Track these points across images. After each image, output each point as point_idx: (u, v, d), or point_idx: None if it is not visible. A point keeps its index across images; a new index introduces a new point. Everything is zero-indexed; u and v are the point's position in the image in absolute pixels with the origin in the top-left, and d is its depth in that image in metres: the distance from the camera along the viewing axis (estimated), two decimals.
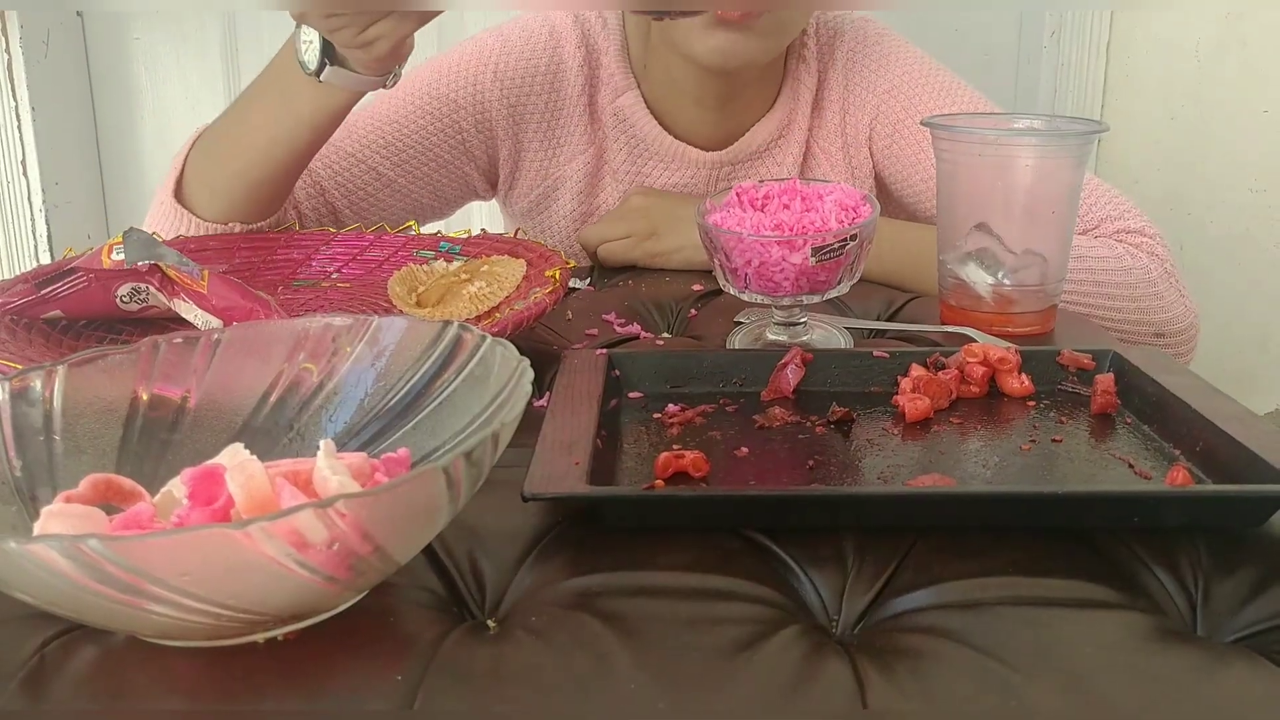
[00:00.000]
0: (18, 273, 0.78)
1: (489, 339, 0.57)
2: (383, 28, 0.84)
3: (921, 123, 0.88)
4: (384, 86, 0.92)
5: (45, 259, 1.86)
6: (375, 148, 1.11)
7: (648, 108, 1.13)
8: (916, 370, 0.71)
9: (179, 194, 1.01)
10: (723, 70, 1.04)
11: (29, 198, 1.84)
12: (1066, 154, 0.85)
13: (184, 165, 1.01)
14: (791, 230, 0.77)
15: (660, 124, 1.14)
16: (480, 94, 1.12)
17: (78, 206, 1.93)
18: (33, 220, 1.85)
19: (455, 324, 0.58)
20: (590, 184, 1.17)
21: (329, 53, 0.89)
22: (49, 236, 1.86)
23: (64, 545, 0.40)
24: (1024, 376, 0.73)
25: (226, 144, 0.99)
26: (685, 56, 1.05)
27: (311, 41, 0.89)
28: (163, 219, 1.02)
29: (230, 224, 1.00)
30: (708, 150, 1.14)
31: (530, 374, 0.53)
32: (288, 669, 0.47)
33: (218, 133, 1.00)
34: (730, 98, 1.12)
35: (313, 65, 0.89)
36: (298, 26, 0.89)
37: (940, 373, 0.72)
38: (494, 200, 1.25)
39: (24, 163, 1.84)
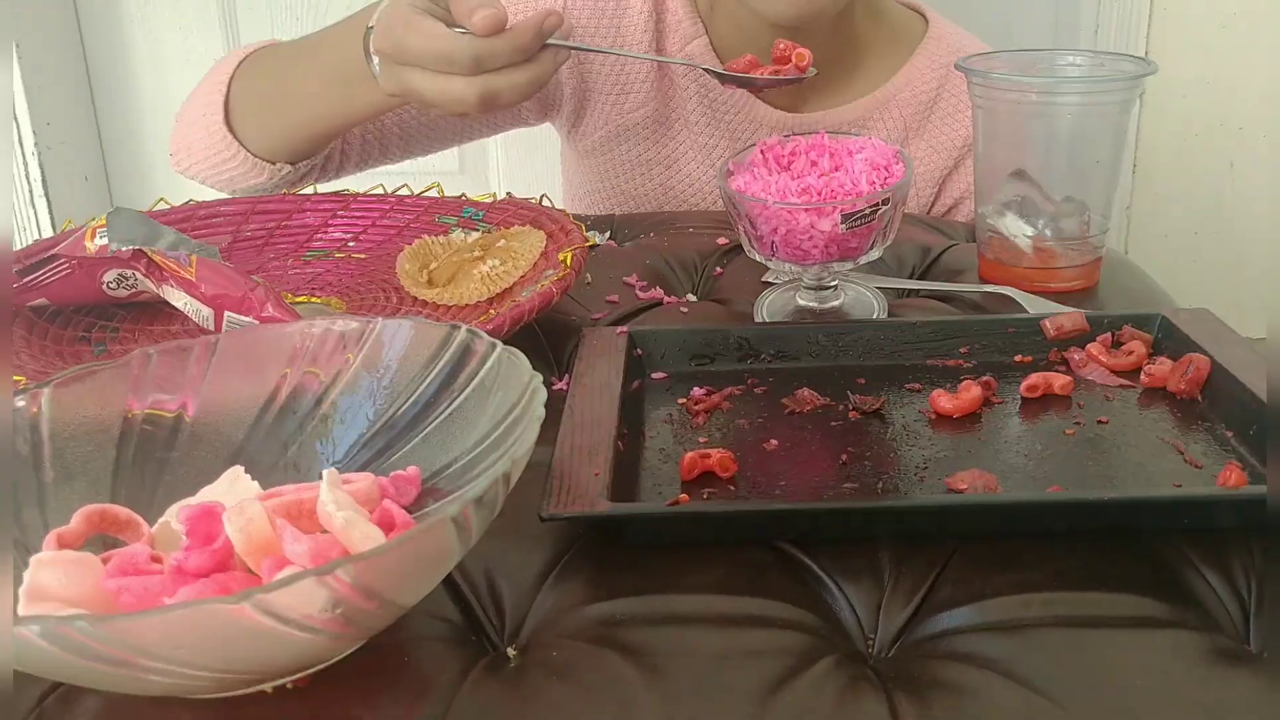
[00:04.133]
0: (15, 222, 0.76)
1: (498, 346, 0.54)
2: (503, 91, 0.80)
3: (956, 66, 0.83)
4: None
5: (41, 205, 1.79)
6: None
7: (718, 56, 1.09)
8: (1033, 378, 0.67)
9: (228, 120, 1.00)
10: (796, 22, 0.99)
11: (20, 141, 1.78)
12: (1111, 99, 0.80)
13: (228, 92, 0.99)
14: (820, 194, 0.73)
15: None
16: None
17: (72, 146, 1.86)
18: (25, 164, 1.79)
19: (463, 329, 0.55)
20: (660, 131, 1.13)
21: None
22: (44, 180, 1.80)
23: (48, 628, 0.37)
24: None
25: (280, 96, 0.97)
26: (758, 13, 1.00)
27: None
28: (211, 145, 1.00)
29: (278, 163, 1.00)
30: (779, 107, 1.10)
31: (543, 394, 0.50)
32: (301, 718, 0.45)
33: (270, 80, 0.98)
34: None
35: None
36: (368, 34, 0.85)
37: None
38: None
39: (13, 105, 1.78)
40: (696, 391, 0.67)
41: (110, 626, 0.38)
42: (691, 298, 0.85)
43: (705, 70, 0.89)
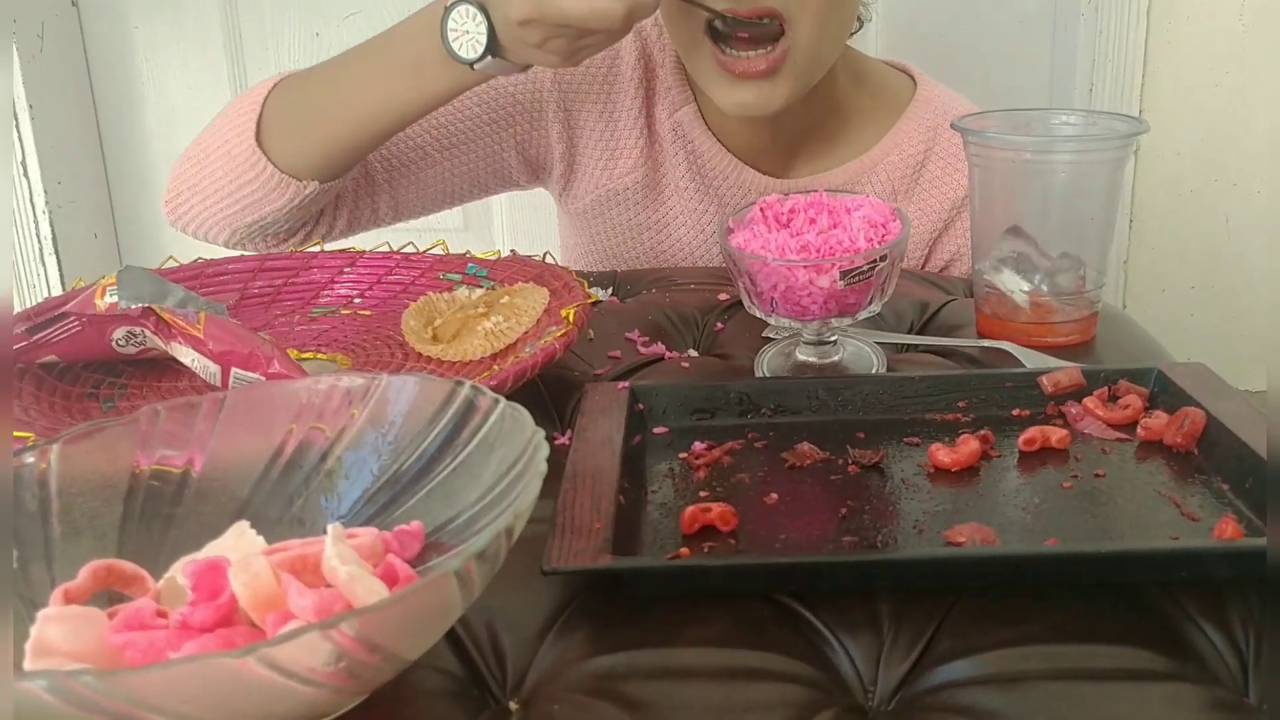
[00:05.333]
0: (25, 279, 0.77)
1: (501, 402, 0.55)
2: (598, 39, 0.86)
3: (952, 125, 0.84)
4: (521, 71, 0.92)
5: (51, 263, 1.80)
6: (427, 127, 1.09)
7: (705, 123, 1.11)
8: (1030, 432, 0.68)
9: (259, 137, 1.00)
10: (750, 120, 1.02)
11: (31, 199, 1.79)
12: (1105, 156, 0.81)
13: (262, 110, 0.99)
14: (818, 251, 0.74)
15: (719, 141, 1.11)
16: (538, 94, 1.10)
17: (82, 205, 1.87)
18: (36, 222, 1.79)
19: (467, 385, 0.56)
20: (651, 195, 1.14)
21: (493, 46, 0.88)
22: (54, 239, 1.80)
23: (54, 682, 0.38)
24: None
25: (328, 101, 0.98)
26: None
27: (469, 33, 0.88)
28: (230, 171, 1.00)
29: (304, 180, 1.00)
30: (766, 173, 1.12)
31: (545, 449, 0.50)
32: None
33: (317, 87, 1.00)
34: (779, 123, 1.09)
35: (472, 56, 0.89)
36: (447, 13, 0.88)
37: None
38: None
39: (24, 163, 1.78)
40: (697, 446, 0.68)
41: (115, 681, 0.38)
42: (693, 353, 0.86)
43: None
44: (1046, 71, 1.71)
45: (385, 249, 0.95)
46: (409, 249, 0.94)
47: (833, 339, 0.80)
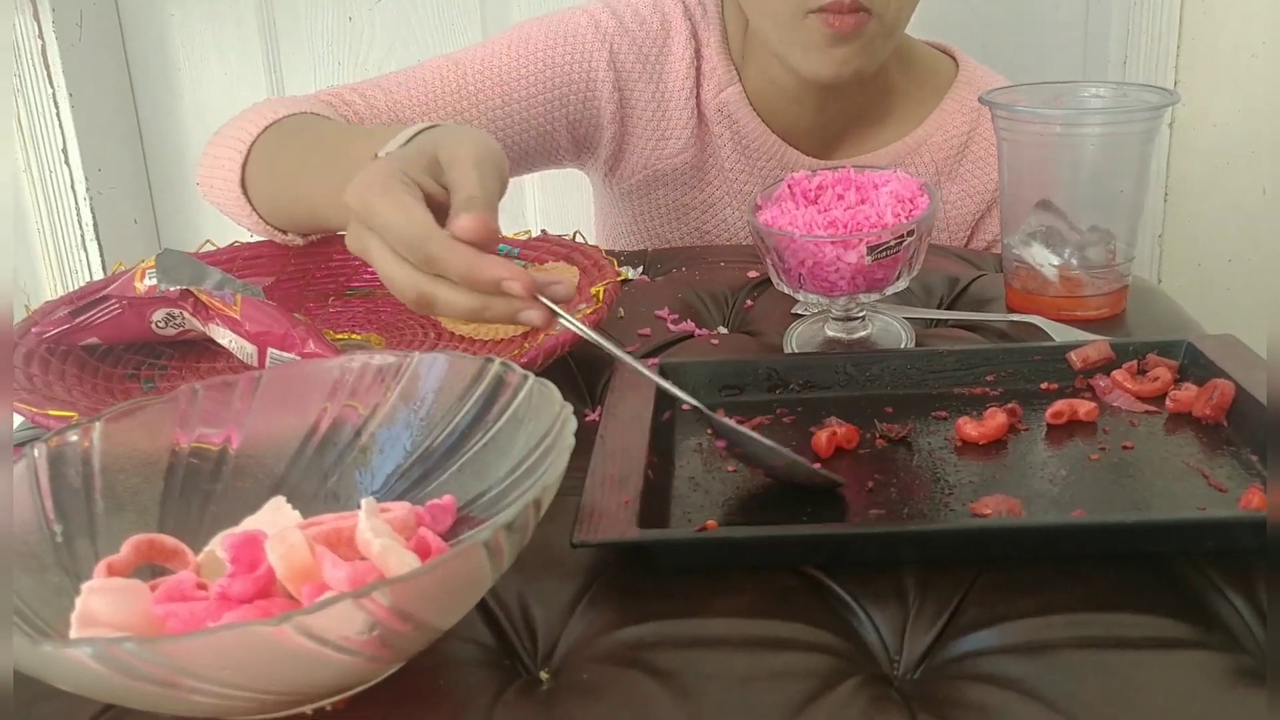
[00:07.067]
0: (67, 264, 0.79)
1: (530, 378, 0.56)
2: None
3: (980, 100, 0.84)
4: None
5: (92, 248, 1.83)
6: (483, 109, 1.08)
7: (749, 103, 1.11)
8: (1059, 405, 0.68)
9: (243, 181, 0.95)
10: (834, 85, 1.01)
11: (72, 186, 1.81)
12: (1134, 128, 0.81)
13: (247, 156, 0.94)
14: (845, 227, 0.74)
15: (764, 122, 1.12)
16: (593, 74, 1.10)
17: (122, 191, 1.89)
18: (77, 209, 1.81)
19: (496, 362, 0.57)
20: (696, 177, 1.15)
21: None
22: (95, 225, 1.83)
23: (100, 650, 0.39)
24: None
25: (289, 184, 0.92)
26: (793, 71, 1.02)
27: None
28: (229, 196, 0.96)
29: (289, 234, 0.96)
30: (811, 154, 1.12)
31: (573, 423, 0.51)
32: None
33: (284, 164, 0.93)
34: (827, 103, 1.09)
35: None
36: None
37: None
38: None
39: (65, 150, 1.80)
40: None
41: (157, 648, 0.39)
42: (722, 330, 0.87)
43: None
44: (1080, 42, 1.69)
45: None
46: None
47: (861, 314, 0.80)
